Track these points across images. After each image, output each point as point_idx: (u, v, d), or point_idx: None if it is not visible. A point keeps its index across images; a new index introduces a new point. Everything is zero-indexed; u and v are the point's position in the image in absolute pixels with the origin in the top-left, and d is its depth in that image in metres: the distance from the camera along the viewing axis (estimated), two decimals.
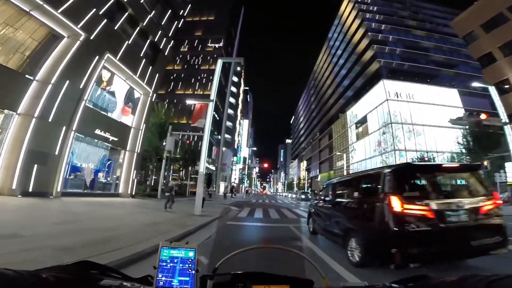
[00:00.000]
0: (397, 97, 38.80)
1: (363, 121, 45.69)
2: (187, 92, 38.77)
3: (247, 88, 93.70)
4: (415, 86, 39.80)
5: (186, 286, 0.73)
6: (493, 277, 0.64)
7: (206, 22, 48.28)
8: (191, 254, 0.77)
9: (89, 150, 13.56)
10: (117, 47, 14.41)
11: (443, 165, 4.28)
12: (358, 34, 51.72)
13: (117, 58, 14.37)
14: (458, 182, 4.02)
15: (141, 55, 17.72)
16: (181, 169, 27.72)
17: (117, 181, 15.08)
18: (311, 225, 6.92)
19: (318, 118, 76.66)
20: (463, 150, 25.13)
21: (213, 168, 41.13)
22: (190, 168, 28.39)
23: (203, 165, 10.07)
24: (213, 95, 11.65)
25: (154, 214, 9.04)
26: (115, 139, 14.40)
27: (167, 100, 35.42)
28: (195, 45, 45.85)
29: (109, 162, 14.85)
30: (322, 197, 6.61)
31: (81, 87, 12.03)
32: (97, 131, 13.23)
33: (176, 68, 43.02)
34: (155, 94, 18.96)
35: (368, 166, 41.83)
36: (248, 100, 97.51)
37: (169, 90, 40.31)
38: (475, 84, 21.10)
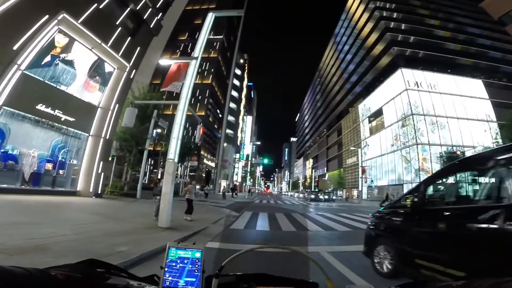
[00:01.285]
0: (418, 87, 34.65)
1: (377, 114, 41.63)
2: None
3: (251, 84, 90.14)
4: (436, 76, 36.01)
5: (191, 287, 0.71)
6: (495, 280, 0.62)
7: (206, 10, 44.62)
8: (198, 255, 0.75)
9: (33, 133, 9.99)
10: (80, 8, 11.36)
11: None
12: (369, 24, 47.63)
13: (80, 21, 11.26)
14: None
15: (117, 23, 14.42)
16: None
17: (75, 175, 11.46)
18: (382, 258, 3.31)
19: (325, 115, 72.73)
20: None
21: (213, 165, 37.52)
22: (184, 163, 24.81)
23: (174, 148, 6.40)
24: (198, 52, 8.10)
25: (81, 227, 5.36)
26: (71, 119, 10.85)
27: (166, 92, 32.03)
28: (194, 34, 42.28)
29: (64, 150, 11.23)
30: (441, 198, 3.02)
31: (14, 48, 8.79)
32: (41, 107, 9.70)
33: (173, 57, 39.51)
34: (134, 71, 15.50)
35: (385, 163, 37.78)
36: (252, 96, 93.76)
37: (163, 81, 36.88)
38: None
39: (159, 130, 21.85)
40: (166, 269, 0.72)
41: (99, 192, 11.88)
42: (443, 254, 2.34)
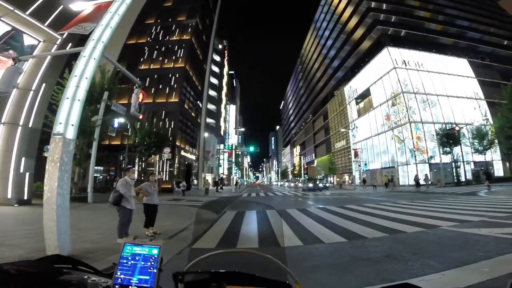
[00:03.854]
0: (405, 65, 33.08)
1: (364, 95, 39.98)
2: (154, 66, 31.01)
3: (233, 72, 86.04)
4: (422, 55, 34.87)
5: (146, 285, 0.67)
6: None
7: None
8: (155, 251, 0.71)
9: None
10: None
11: None
12: (350, 6, 44.82)
13: None
14: None
15: None
16: (144, 159, 20.75)
17: None
18: None
19: (310, 100, 70.91)
20: None
21: (194, 158, 34.28)
22: (162, 159, 21.55)
23: (65, 114, 3.50)
24: None
25: None
26: None
27: (139, 82, 27.76)
28: (164, 16, 37.56)
29: None
30: None
31: None
32: None
33: (139, 42, 34.73)
34: (70, 44, 11.97)
35: (376, 144, 36.39)
36: (234, 85, 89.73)
37: (129, 66, 32.27)
38: None
39: (122, 120, 18.41)
40: (118, 265, 0.69)
41: (26, 198, 8.69)
42: None
